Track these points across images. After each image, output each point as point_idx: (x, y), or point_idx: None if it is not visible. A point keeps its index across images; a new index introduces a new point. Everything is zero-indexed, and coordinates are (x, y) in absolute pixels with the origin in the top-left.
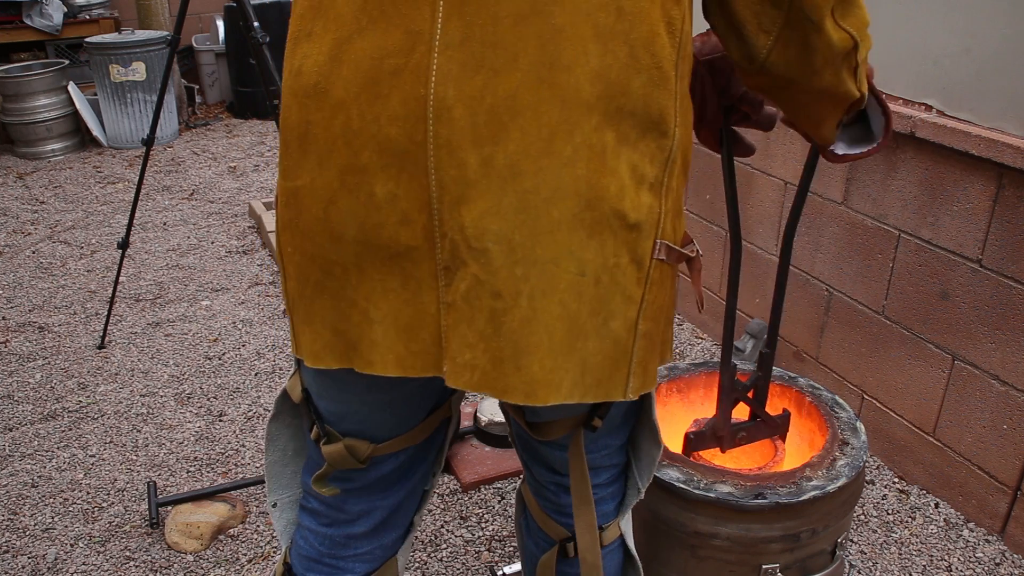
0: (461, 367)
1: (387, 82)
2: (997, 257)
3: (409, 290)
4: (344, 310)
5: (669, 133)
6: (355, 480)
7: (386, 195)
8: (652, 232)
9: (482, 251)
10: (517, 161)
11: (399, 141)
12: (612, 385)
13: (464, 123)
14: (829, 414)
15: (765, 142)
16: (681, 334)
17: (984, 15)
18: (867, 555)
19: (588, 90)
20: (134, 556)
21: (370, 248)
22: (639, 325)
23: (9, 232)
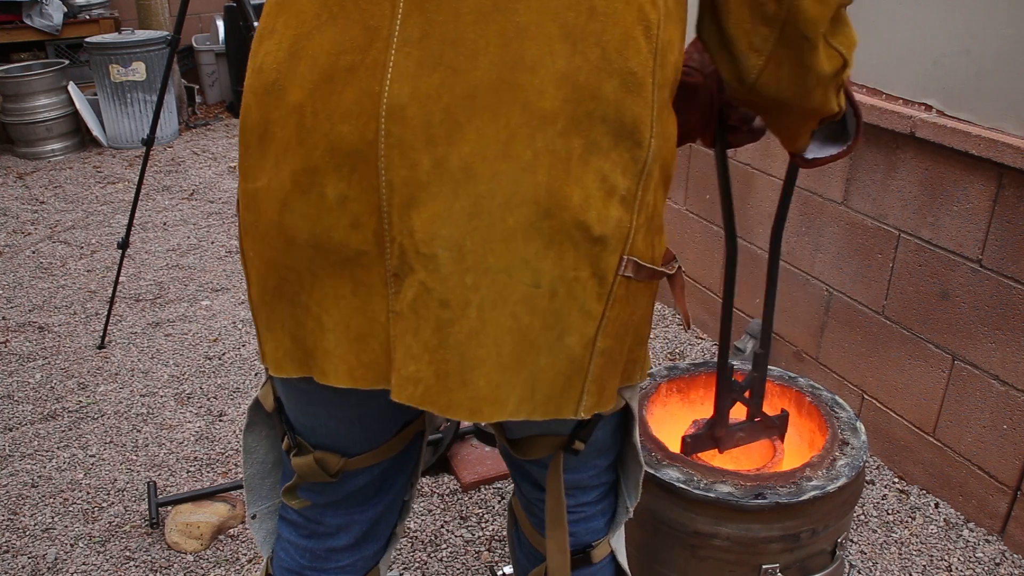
0: (405, 380)
1: (342, 79)
2: (997, 257)
3: (359, 297)
4: (300, 317)
5: (644, 144)
6: (329, 494)
7: (337, 196)
8: (619, 247)
9: (431, 257)
10: (472, 163)
11: (350, 140)
12: (563, 402)
13: (418, 122)
14: (829, 414)
15: (765, 142)
16: (681, 334)
17: (984, 15)
18: (867, 555)
19: (553, 92)
20: (134, 556)
21: (321, 252)
22: (597, 342)
23: (9, 232)
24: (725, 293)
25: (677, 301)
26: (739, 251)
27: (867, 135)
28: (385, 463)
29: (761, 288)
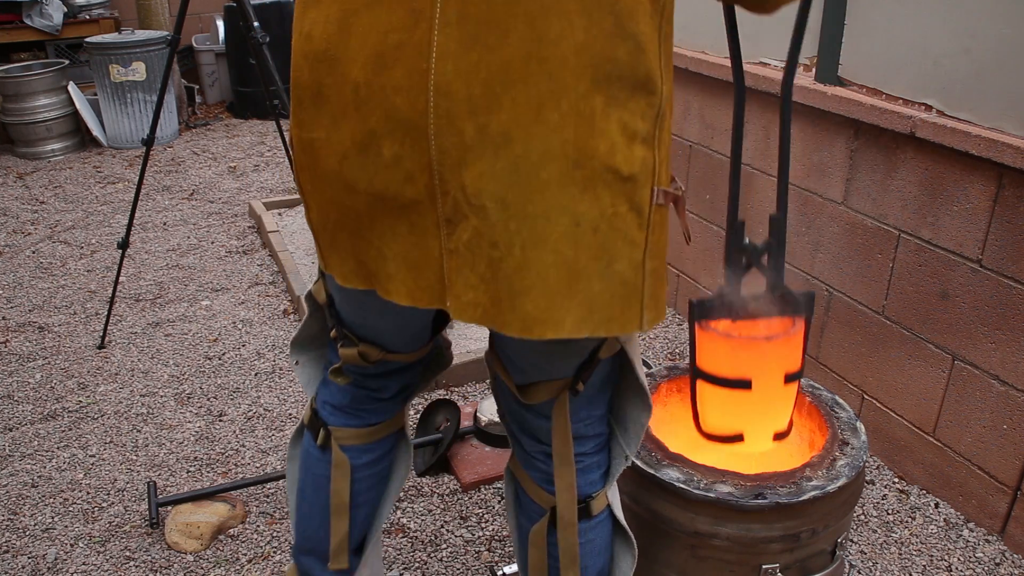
0: (466, 304)
1: (392, 55)
2: (997, 257)
3: (415, 235)
4: (362, 246)
5: (657, 91)
6: (368, 371)
7: (392, 155)
8: (648, 181)
9: (480, 207)
10: (509, 129)
11: (403, 110)
12: (626, 320)
13: (461, 95)
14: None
15: (765, 142)
16: (681, 334)
17: (984, 15)
18: (867, 555)
19: (574, 61)
20: (134, 556)
21: (379, 199)
22: (646, 264)
23: (9, 232)
24: (735, 130)
25: (680, 216)
26: None
27: (867, 135)
28: (416, 360)
29: None
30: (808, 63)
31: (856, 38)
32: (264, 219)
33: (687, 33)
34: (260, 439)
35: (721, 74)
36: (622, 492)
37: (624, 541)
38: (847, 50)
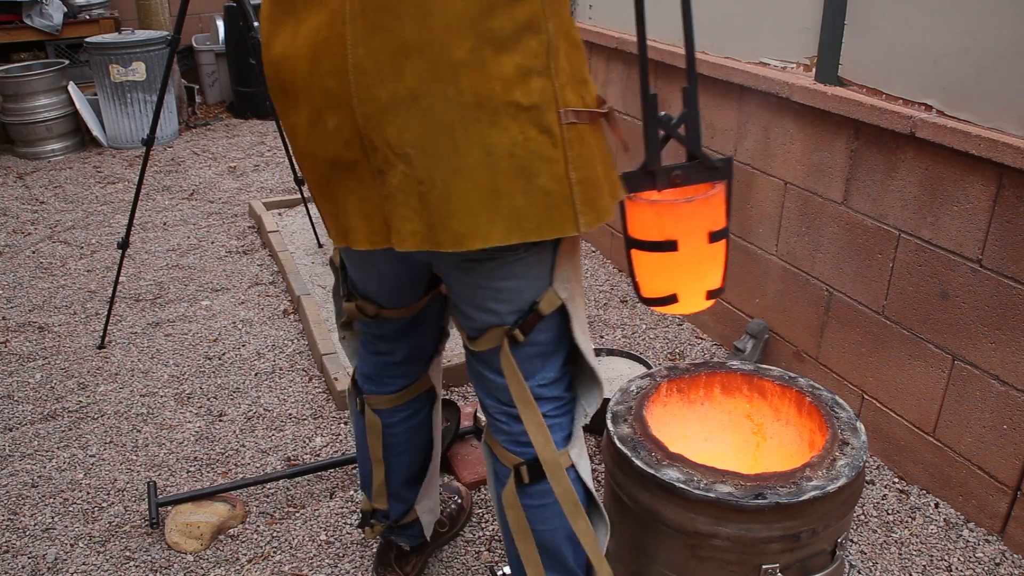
0: (406, 236)
1: (322, 48)
2: (997, 257)
3: (362, 188)
4: (336, 207)
5: (542, 29)
6: (377, 328)
7: (334, 127)
8: (551, 106)
9: (404, 155)
10: (415, 89)
11: (334, 89)
12: (559, 224)
13: (372, 71)
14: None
15: (765, 142)
16: (681, 334)
17: (984, 15)
18: (867, 555)
19: (456, 25)
20: (134, 556)
21: (333, 164)
22: (571, 175)
23: (9, 232)
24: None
25: (613, 131)
26: (738, 251)
27: (867, 135)
28: (410, 317)
29: (761, 288)
30: (808, 63)
31: (856, 38)
32: (264, 219)
33: None
34: (260, 439)
35: (721, 74)
36: (622, 492)
37: (597, 513)
38: (847, 50)
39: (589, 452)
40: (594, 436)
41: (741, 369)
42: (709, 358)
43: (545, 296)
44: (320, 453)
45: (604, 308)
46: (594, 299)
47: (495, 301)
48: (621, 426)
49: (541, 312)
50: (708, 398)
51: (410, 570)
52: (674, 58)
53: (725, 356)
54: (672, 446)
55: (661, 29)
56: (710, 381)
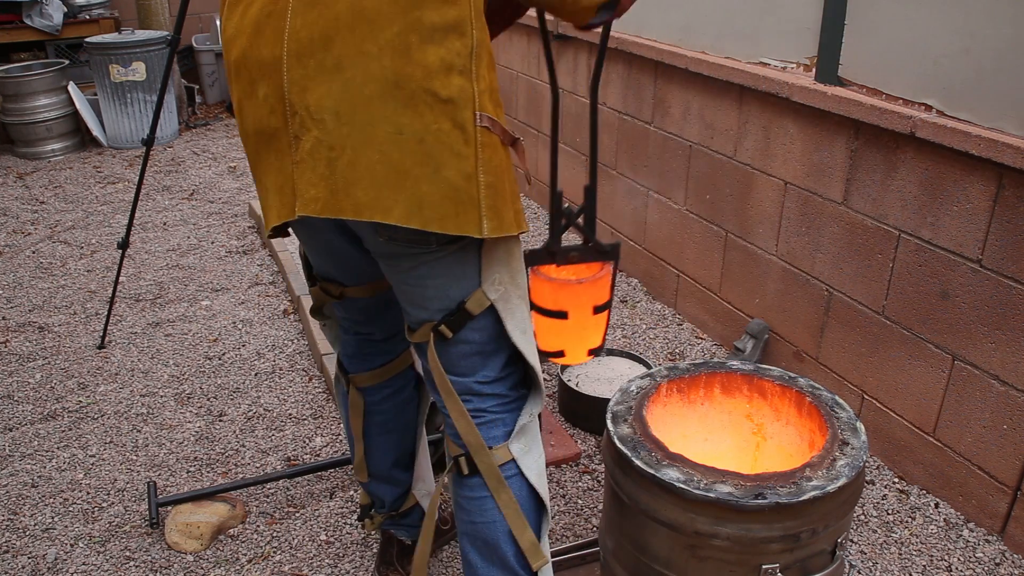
0: (308, 200)
1: (264, 23)
2: (997, 257)
3: (278, 160)
4: (259, 189)
5: (468, 34)
6: (350, 310)
7: (263, 94)
8: (469, 105)
9: (320, 120)
10: (340, 59)
11: (267, 57)
12: (463, 222)
13: (305, 40)
14: (829, 414)
15: (765, 142)
16: (681, 334)
17: (984, 15)
18: (867, 555)
19: (388, 10)
20: (134, 556)
21: (261, 135)
22: (480, 177)
23: (9, 232)
24: (552, 130)
25: (520, 161)
26: (738, 251)
27: (867, 135)
28: (377, 296)
29: (760, 288)
30: (808, 63)
31: (856, 38)
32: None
33: (687, 34)
34: (260, 439)
35: (721, 74)
36: (622, 491)
37: (543, 513)
38: (847, 50)
39: (589, 452)
40: (594, 436)
41: (741, 369)
42: (709, 358)
43: (473, 296)
44: (320, 453)
45: None
46: None
47: (422, 298)
48: (621, 426)
49: (469, 311)
50: (708, 398)
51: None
52: (674, 58)
53: (725, 356)
54: (672, 446)
55: (661, 29)
56: (710, 381)
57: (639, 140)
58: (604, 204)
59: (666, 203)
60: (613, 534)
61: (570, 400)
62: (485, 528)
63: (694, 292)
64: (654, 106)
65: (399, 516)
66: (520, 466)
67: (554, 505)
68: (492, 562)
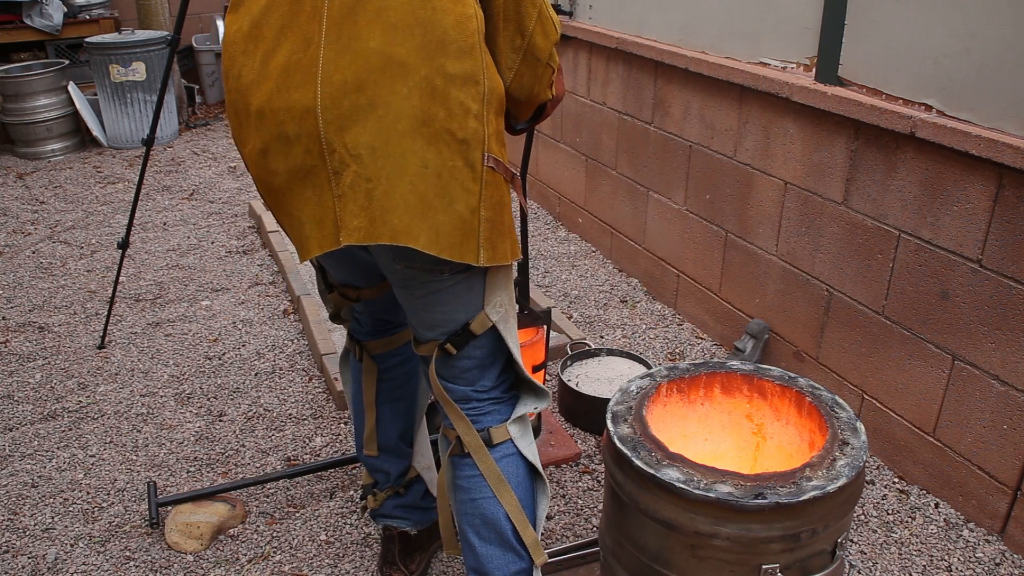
0: (352, 230)
1: (294, 68)
2: (997, 257)
3: (317, 194)
4: (292, 221)
5: (481, 83)
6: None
7: (294, 134)
8: (480, 146)
9: (358, 156)
10: (373, 99)
11: (300, 100)
12: (465, 251)
13: (339, 83)
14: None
15: (765, 142)
16: (681, 334)
17: (984, 15)
18: (867, 555)
19: (415, 57)
20: (134, 556)
21: (295, 173)
22: (481, 211)
23: (9, 232)
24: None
25: (517, 193)
26: (738, 251)
27: (867, 135)
28: (389, 292)
29: (760, 288)
30: (808, 63)
31: (856, 38)
32: (264, 219)
33: (687, 33)
34: (260, 439)
35: (721, 74)
36: (622, 491)
37: (543, 489)
38: (847, 50)
39: (589, 452)
40: (594, 436)
41: (741, 369)
42: (709, 358)
43: (477, 319)
44: (320, 453)
45: (604, 308)
46: (594, 299)
47: (431, 321)
48: (621, 426)
49: (473, 332)
50: (708, 398)
51: (415, 568)
52: (674, 58)
53: (725, 356)
54: (672, 446)
55: (661, 29)
56: (710, 381)
57: (639, 140)
58: (604, 204)
59: (666, 203)
60: (613, 534)
61: (570, 400)
62: (484, 504)
63: (694, 292)
64: (654, 106)
65: (403, 491)
66: (518, 445)
67: (554, 505)
68: (490, 541)
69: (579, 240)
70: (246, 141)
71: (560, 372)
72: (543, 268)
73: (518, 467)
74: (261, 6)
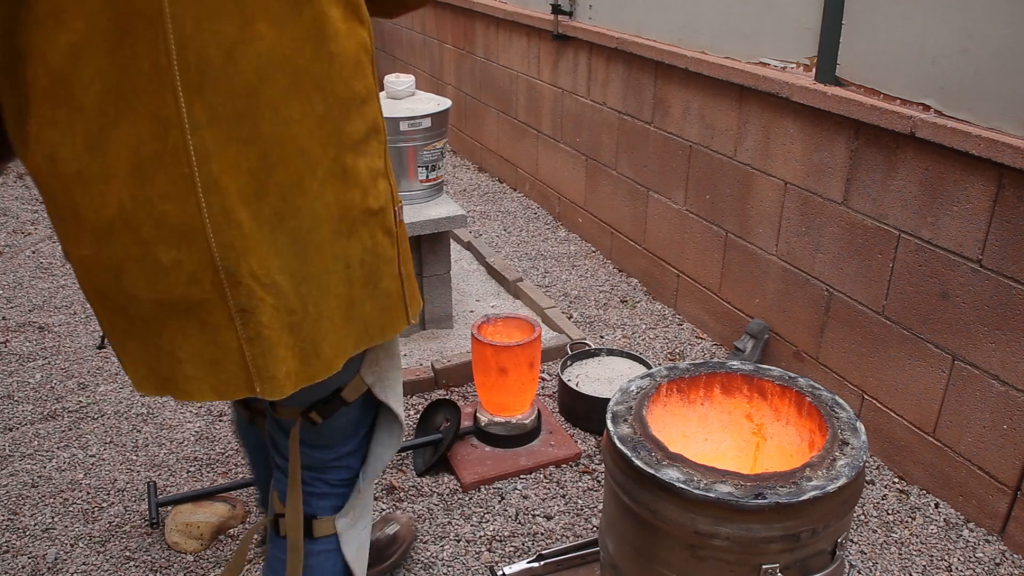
0: (281, 380)
1: (150, 166)
2: (997, 257)
3: (208, 332)
4: (153, 352)
5: (381, 130)
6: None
7: (171, 261)
8: (391, 205)
9: (272, 284)
10: (280, 208)
11: (174, 215)
12: (395, 322)
13: (231, 189)
14: (829, 414)
15: (765, 142)
16: (681, 334)
17: (982, 15)
18: (867, 555)
19: (319, 132)
20: (134, 556)
21: (164, 305)
22: (401, 270)
23: (9, 232)
24: None
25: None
26: (738, 251)
27: (867, 135)
28: None
29: (761, 288)
30: (808, 63)
31: (853, 38)
32: None
33: (687, 33)
34: None
35: (721, 74)
36: (622, 491)
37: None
38: (844, 50)
39: (589, 452)
40: (594, 436)
41: (741, 369)
42: (709, 358)
43: (351, 384)
44: None
45: (604, 308)
46: (594, 299)
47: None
48: (621, 426)
49: (345, 399)
50: (708, 398)
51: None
52: (674, 58)
53: (725, 356)
54: (672, 446)
55: (661, 29)
56: (710, 381)
57: (639, 140)
58: (604, 204)
59: (666, 203)
60: (613, 534)
61: (570, 400)
62: None
63: (694, 292)
64: (654, 106)
65: None
66: (341, 542)
67: (554, 505)
68: None
69: (579, 240)
70: (76, 242)
71: (560, 372)
72: (543, 268)
73: (334, 567)
74: (62, 52)
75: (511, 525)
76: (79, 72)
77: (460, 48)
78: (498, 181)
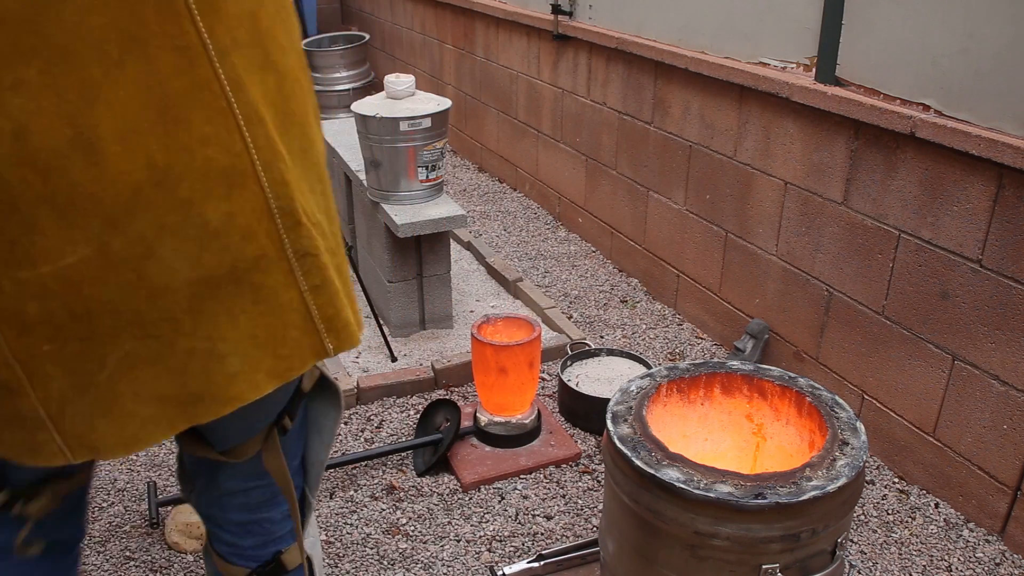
0: (354, 327)
1: (180, 105)
2: (997, 257)
3: (263, 301)
4: (177, 365)
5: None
6: None
7: (221, 218)
8: None
9: (317, 224)
10: (302, 142)
11: (220, 159)
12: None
13: (268, 119)
14: (829, 414)
15: (765, 142)
16: (681, 334)
17: (982, 15)
18: (867, 555)
19: (304, 65)
20: (134, 556)
21: (208, 284)
22: None
23: None
24: None
25: None
26: (738, 251)
27: (867, 135)
28: None
29: (761, 288)
30: (808, 63)
31: (853, 38)
32: None
33: (687, 33)
34: None
35: (721, 74)
36: (622, 491)
37: None
38: (844, 50)
39: (589, 452)
40: (594, 436)
41: (741, 369)
42: (709, 358)
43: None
44: None
45: (604, 308)
46: (594, 299)
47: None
48: (621, 426)
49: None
50: (708, 398)
51: None
52: (674, 58)
53: (725, 356)
54: (672, 446)
55: (661, 29)
56: (710, 381)
57: (639, 140)
58: (604, 204)
59: (666, 203)
60: (613, 534)
61: (570, 400)
62: None
63: (694, 292)
64: (654, 106)
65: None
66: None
67: (554, 505)
68: None
69: (579, 240)
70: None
71: (560, 372)
72: (543, 268)
73: None
74: None
75: (511, 525)
76: (55, 10)
77: (460, 48)
78: (498, 181)
